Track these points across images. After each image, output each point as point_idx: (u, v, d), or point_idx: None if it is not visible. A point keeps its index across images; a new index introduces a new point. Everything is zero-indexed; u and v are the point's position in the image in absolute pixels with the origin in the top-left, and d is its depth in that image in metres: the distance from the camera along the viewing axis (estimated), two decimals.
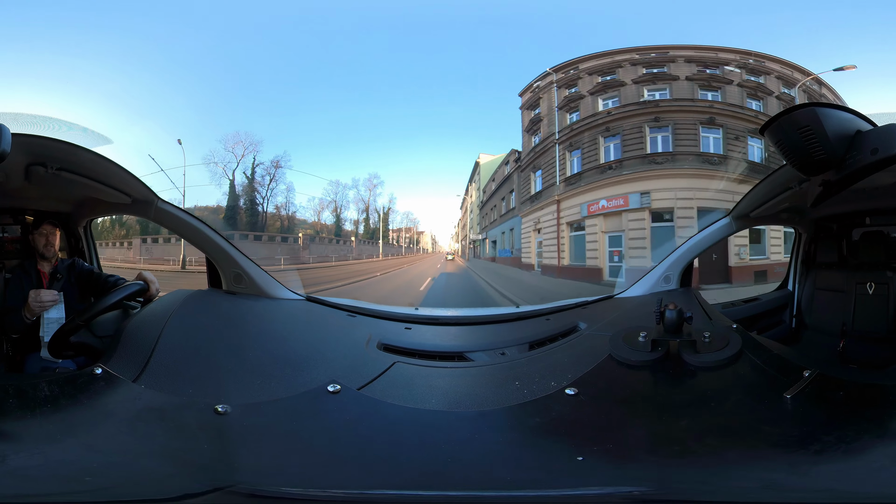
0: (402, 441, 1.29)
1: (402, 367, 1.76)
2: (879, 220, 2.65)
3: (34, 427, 1.22)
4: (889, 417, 1.25)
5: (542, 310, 2.68)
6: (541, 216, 13.86)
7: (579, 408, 1.43)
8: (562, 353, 1.90)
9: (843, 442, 1.12)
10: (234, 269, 2.47)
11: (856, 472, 1.04)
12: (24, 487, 0.98)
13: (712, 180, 10.51)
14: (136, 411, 1.33)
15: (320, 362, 1.76)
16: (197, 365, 1.61)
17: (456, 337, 2.45)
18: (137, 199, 2.28)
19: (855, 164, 1.47)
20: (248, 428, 1.30)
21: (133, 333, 1.73)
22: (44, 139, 1.86)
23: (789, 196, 2.24)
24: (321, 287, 10.81)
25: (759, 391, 1.50)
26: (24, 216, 2.59)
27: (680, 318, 1.63)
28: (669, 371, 1.57)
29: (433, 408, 1.47)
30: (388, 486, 1.05)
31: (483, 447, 1.26)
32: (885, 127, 1.42)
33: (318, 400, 1.44)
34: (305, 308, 2.57)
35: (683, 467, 1.13)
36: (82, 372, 1.51)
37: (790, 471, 1.06)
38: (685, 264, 2.63)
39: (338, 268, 17.36)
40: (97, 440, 1.19)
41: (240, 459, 1.16)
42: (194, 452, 1.17)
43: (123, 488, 1.01)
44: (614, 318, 2.24)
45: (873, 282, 2.54)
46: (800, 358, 1.74)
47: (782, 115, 1.57)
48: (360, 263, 19.11)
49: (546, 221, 13.58)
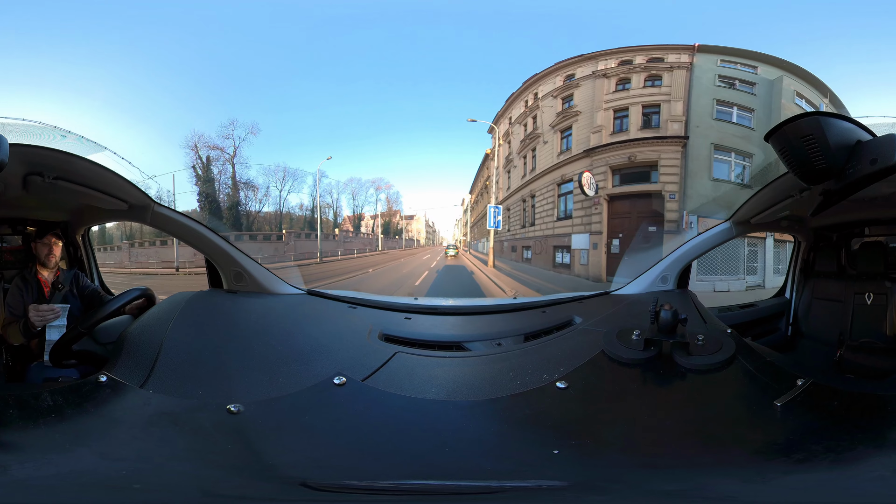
0: (405, 430, 1.35)
1: (402, 357, 1.80)
2: (879, 230, 2.64)
3: (38, 437, 1.20)
4: (888, 427, 1.24)
5: (539, 302, 2.72)
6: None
7: (567, 402, 1.47)
8: (556, 347, 1.93)
9: (832, 451, 1.13)
10: (233, 267, 2.49)
11: (842, 481, 1.05)
12: (39, 498, 0.98)
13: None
14: (147, 417, 1.33)
15: (325, 355, 1.79)
16: (204, 366, 1.62)
17: (454, 326, 2.48)
18: (134, 205, 2.28)
19: (855, 174, 1.48)
20: (264, 425, 1.32)
21: (137, 339, 1.73)
22: (41, 149, 1.85)
23: (790, 204, 2.24)
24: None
25: (749, 397, 1.51)
26: (25, 226, 2.60)
27: (675, 319, 1.65)
28: (660, 371, 1.59)
29: (432, 397, 1.51)
30: (399, 476, 1.10)
31: (473, 436, 1.32)
32: (884, 137, 1.42)
33: (327, 393, 1.47)
34: (307, 302, 2.60)
35: (647, 467, 1.15)
36: (86, 380, 1.50)
37: (757, 479, 1.07)
38: (683, 266, 2.64)
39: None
40: (111, 448, 1.19)
41: (273, 457, 1.18)
42: (220, 453, 1.19)
43: (177, 494, 1.02)
44: (609, 314, 2.26)
45: (872, 292, 2.54)
46: (794, 366, 1.74)
47: (787, 122, 1.57)
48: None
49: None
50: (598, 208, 10.95)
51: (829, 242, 2.91)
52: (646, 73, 10.77)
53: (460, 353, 2.01)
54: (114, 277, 3.09)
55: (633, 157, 10.47)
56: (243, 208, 15.57)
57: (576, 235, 11.49)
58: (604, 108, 11.03)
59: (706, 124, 10.11)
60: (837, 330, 2.64)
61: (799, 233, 3.11)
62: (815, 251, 3.02)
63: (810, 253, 3.07)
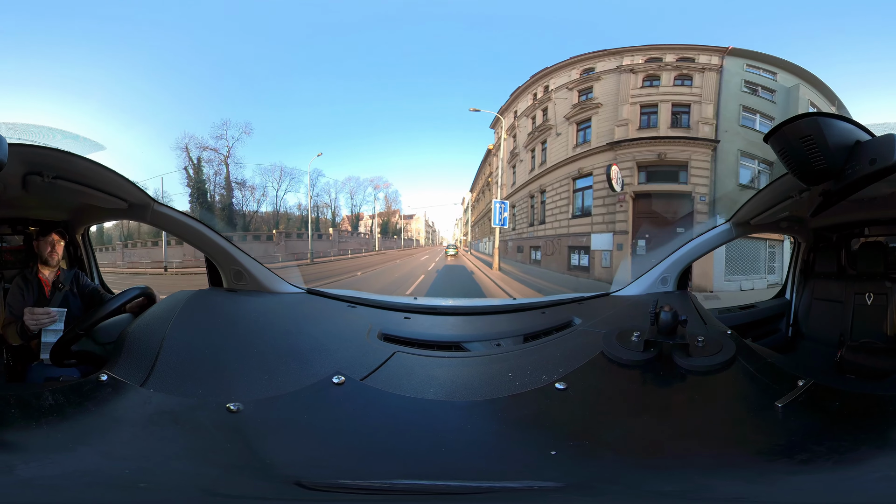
0: (404, 430, 1.34)
1: (402, 356, 1.80)
2: (879, 230, 2.64)
3: (40, 437, 1.20)
4: (889, 427, 1.24)
5: (538, 303, 2.72)
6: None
7: (566, 403, 1.46)
8: (555, 348, 1.93)
9: (835, 452, 1.12)
10: (233, 266, 2.49)
11: (845, 482, 1.04)
12: (46, 497, 0.98)
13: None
14: (147, 416, 1.33)
15: (324, 354, 1.78)
16: (204, 365, 1.62)
17: (454, 326, 2.48)
18: (134, 204, 2.28)
19: (854, 175, 1.47)
20: (264, 424, 1.32)
21: (137, 337, 1.74)
22: (40, 148, 1.85)
23: (790, 205, 2.24)
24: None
25: (749, 399, 1.51)
26: (26, 226, 2.60)
27: (674, 321, 1.64)
28: (660, 372, 1.59)
29: (431, 397, 1.51)
30: (399, 476, 1.10)
31: (471, 437, 1.31)
32: (883, 137, 1.42)
33: (325, 392, 1.47)
34: (306, 301, 2.60)
35: (646, 468, 1.14)
36: (87, 379, 1.50)
37: (760, 480, 1.07)
38: (683, 267, 2.64)
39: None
40: (113, 447, 1.19)
41: (271, 456, 1.17)
42: (221, 452, 1.19)
43: (179, 493, 1.02)
44: (609, 315, 2.26)
45: (872, 292, 2.54)
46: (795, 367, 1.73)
47: (786, 123, 1.56)
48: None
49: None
50: (623, 206, 10.36)
51: (829, 243, 2.91)
52: (676, 72, 10.53)
53: (459, 353, 2.01)
54: (107, 276, 3.10)
55: (664, 155, 10.16)
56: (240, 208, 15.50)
57: (596, 235, 10.62)
58: (630, 102, 10.69)
59: (733, 130, 10.04)
60: (838, 330, 2.64)
61: (799, 233, 3.10)
62: (815, 252, 3.02)
63: (810, 253, 3.06)
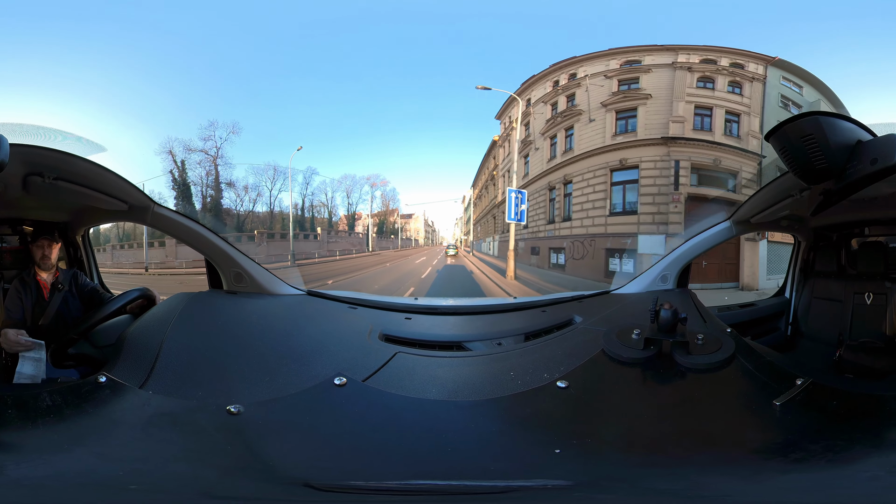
0: (407, 431, 1.34)
1: (403, 357, 1.80)
2: (879, 230, 2.65)
3: (36, 437, 1.20)
4: (886, 427, 1.25)
5: (539, 301, 2.73)
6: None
7: (568, 401, 1.47)
8: (556, 346, 1.93)
9: (829, 451, 1.13)
10: (233, 268, 2.49)
11: (837, 481, 1.06)
12: (34, 498, 0.98)
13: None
14: (146, 417, 1.33)
15: (325, 356, 1.79)
16: (203, 367, 1.62)
17: (454, 326, 2.49)
18: (134, 206, 2.28)
19: (855, 174, 1.48)
20: (265, 426, 1.31)
21: (136, 339, 1.73)
22: (40, 149, 1.85)
23: (790, 203, 2.24)
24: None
25: (748, 397, 1.52)
26: (23, 226, 2.59)
27: (674, 319, 1.65)
28: (660, 370, 1.59)
29: (433, 397, 1.51)
30: (402, 477, 1.11)
31: (475, 436, 1.32)
32: (885, 137, 1.42)
33: (327, 394, 1.47)
34: (307, 302, 2.60)
35: (647, 466, 1.15)
36: (86, 381, 1.49)
37: (754, 478, 1.07)
38: (683, 265, 2.65)
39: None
40: (110, 448, 1.19)
41: (274, 458, 1.17)
42: (220, 454, 1.19)
43: (175, 495, 1.02)
44: (609, 313, 2.27)
45: (872, 292, 2.54)
46: (794, 366, 1.74)
47: (787, 122, 1.57)
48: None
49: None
50: (676, 206, 9.59)
51: (829, 242, 2.91)
52: (730, 77, 10.33)
53: (461, 353, 2.01)
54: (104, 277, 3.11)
55: (719, 162, 9.74)
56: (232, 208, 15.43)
57: (644, 237, 9.27)
58: (685, 100, 10.23)
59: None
60: (837, 330, 2.64)
61: (799, 232, 3.11)
62: (815, 251, 3.02)
63: (810, 252, 3.07)
